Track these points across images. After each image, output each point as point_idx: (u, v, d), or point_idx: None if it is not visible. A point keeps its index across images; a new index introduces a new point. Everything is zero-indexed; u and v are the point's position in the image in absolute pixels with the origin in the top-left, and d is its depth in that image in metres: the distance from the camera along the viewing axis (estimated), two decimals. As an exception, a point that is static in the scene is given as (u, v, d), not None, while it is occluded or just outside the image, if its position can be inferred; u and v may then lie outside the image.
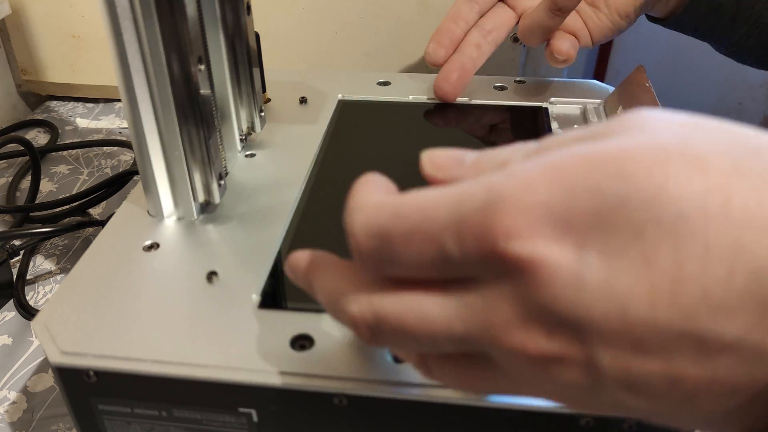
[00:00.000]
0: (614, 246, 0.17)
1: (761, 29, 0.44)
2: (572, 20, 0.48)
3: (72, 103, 0.76)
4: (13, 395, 0.41)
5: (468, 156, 0.23)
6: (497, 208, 0.18)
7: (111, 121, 0.73)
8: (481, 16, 0.50)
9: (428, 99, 0.50)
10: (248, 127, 0.44)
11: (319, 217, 0.40)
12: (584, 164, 0.18)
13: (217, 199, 0.37)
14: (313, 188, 0.40)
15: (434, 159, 0.23)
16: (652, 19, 0.50)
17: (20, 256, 0.51)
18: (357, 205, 0.21)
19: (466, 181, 0.20)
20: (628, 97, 0.45)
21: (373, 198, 0.21)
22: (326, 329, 0.29)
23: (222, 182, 0.38)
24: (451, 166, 0.23)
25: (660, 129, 0.18)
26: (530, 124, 0.47)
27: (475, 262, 0.19)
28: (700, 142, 0.18)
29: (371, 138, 0.46)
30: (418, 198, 0.20)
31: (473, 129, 0.48)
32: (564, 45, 0.47)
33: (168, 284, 0.32)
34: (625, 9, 0.47)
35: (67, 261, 0.52)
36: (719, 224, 0.17)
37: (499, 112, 0.49)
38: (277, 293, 0.34)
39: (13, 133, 0.67)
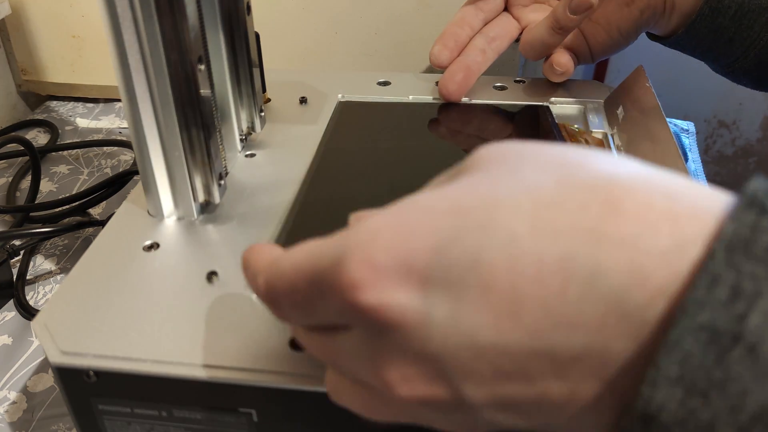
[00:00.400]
0: (454, 278, 0.18)
1: (758, 50, 0.45)
2: (573, 36, 0.49)
3: (72, 103, 0.76)
4: (13, 395, 0.41)
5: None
6: (344, 260, 0.19)
7: (111, 121, 0.73)
8: (485, 24, 0.51)
9: (429, 99, 0.50)
10: (248, 127, 0.44)
11: (316, 215, 0.40)
12: (421, 208, 0.19)
13: (217, 199, 0.37)
14: (310, 187, 0.40)
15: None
16: (653, 37, 0.50)
17: (20, 256, 0.51)
18: (256, 269, 0.23)
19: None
20: (628, 97, 0.45)
21: (267, 258, 0.23)
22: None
23: (222, 182, 0.38)
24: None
25: (494, 171, 0.20)
26: (532, 123, 0.47)
27: (337, 313, 0.20)
28: (530, 176, 0.19)
29: (370, 138, 0.46)
30: (293, 255, 0.22)
31: (474, 129, 0.48)
32: (564, 57, 0.48)
33: (168, 284, 0.32)
34: (626, 27, 0.48)
35: (67, 261, 0.52)
36: (549, 239, 0.17)
37: (501, 112, 0.49)
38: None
39: (13, 133, 0.67)
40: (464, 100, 0.49)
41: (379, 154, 0.45)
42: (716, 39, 0.46)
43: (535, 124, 0.47)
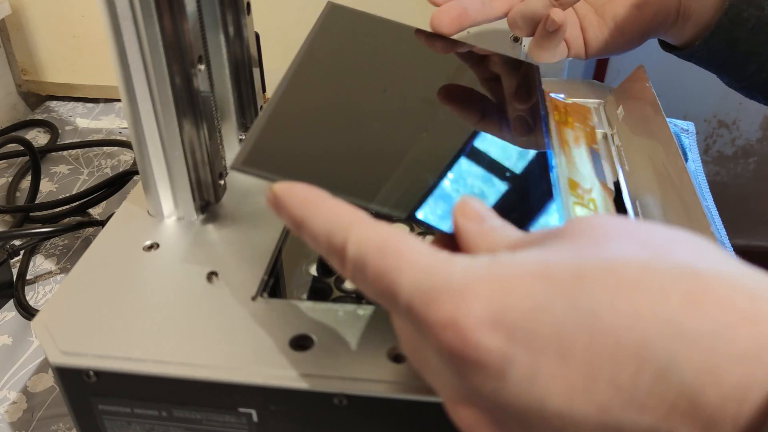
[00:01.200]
0: (537, 344, 0.19)
1: None
2: (570, 28, 0.46)
3: (72, 103, 0.76)
4: (13, 395, 0.41)
5: (491, 221, 0.25)
6: (444, 296, 0.20)
7: (111, 121, 0.73)
8: None
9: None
10: (248, 127, 0.44)
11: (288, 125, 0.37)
12: (518, 269, 0.20)
13: (217, 199, 0.37)
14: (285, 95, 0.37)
15: (466, 206, 0.25)
16: (667, 47, 0.49)
17: (20, 256, 0.51)
18: (355, 218, 0.23)
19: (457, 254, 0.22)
20: (628, 97, 0.45)
21: (367, 220, 0.23)
22: (326, 329, 0.29)
23: (222, 182, 0.38)
24: (473, 220, 0.25)
25: (581, 242, 0.21)
26: (519, 79, 0.44)
27: (418, 328, 0.21)
28: (616, 253, 0.19)
29: (356, 55, 0.43)
30: (402, 245, 0.22)
31: (462, 68, 0.45)
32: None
33: (168, 284, 0.32)
34: (630, 30, 0.46)
35: (67, 261, 0.52)
36: (627, 322, 0.18)
37: (494, 59, 0.46)
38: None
39: (13, 133, 0.68)
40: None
41: (363, 73, 0.42)
42: (733, 52, 0.45)
43: (523, 80, 0.44)
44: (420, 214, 0.29)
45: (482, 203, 0.26)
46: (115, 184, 0.57)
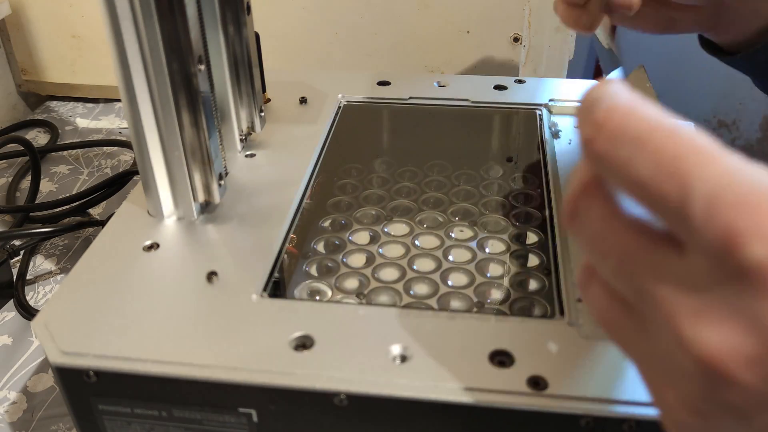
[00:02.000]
0: None
1: None
2: None
3: (72, 103, 0.76)
4: (13, 395, 0.41)
5: None
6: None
7: (111, 121, 0.73)
8: None
9: (427, 99, 0.50)
10: (248, 127, 0.44)
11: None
12: None
13: (217, 199, 0.37)
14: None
15: None
16: (709, 47, 0.47)
17: (20, 256, 0.51)
18: (614, 90, 0.19)
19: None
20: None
21: (635, 97, 0.19)
22: (326, 329, 0.29)
23: (222, 182, 0.38)
24: None
25: None
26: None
27: (701, 231, 0.17)
28: None
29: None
30: (693, 134, 0.17)
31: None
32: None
33: (168, 284, 0.32)
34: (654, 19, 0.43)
35: (67, 261, 0.52)
36: None
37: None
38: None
39: (13, 133, 0.67)
40: (465, 102, 0.49)
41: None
42: None
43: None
44: None
45: None
46: (115, 184, 0.57)
